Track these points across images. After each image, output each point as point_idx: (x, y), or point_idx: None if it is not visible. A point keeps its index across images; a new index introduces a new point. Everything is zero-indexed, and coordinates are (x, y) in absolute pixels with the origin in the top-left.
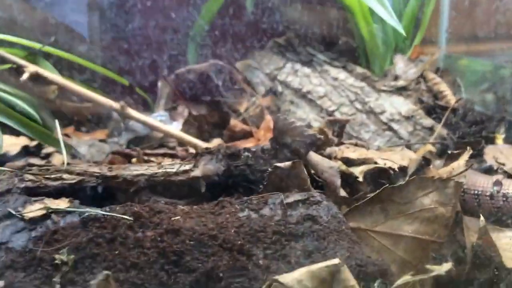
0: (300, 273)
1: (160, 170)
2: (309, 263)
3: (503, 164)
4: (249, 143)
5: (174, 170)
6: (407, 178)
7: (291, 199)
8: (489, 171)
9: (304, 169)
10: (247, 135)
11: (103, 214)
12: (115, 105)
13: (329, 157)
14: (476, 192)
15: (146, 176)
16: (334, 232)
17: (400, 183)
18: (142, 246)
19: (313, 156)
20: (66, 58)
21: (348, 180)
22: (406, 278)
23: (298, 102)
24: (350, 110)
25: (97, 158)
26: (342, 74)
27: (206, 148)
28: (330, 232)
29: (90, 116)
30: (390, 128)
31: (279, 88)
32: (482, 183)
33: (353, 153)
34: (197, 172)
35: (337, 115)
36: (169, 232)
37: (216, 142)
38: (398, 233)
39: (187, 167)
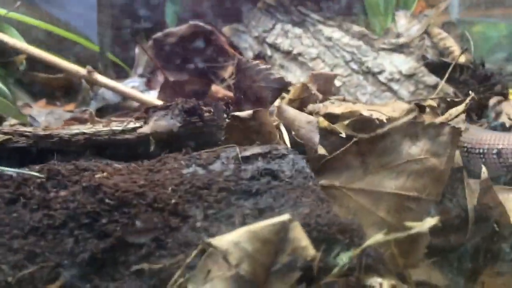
0: (238, 233)
1: (104, 129)
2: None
3: None
4: None
5: (120, 128)
6: None
7: (248, 152)
8: (500, 128)
9: (270, 119)
10: (231, 101)
11: (13, 173)
12: (82, 71)
13: (310, 114)
14: (481, 150)
15: (86, 135)
16: (298, 189)
17: (383, 130)
18: (48, 207)
19: (289, 110)
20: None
21: (330, 138)
22: (378, 237)
23: (289, 65)
24: (345, 71)
25: (54, 125)
26: (337, 33)
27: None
28: (292, 189)
29: (62, 88)
30: (390, 89)
31: (268, 52)
32: (488, 140)
33: (337, 108)
34: (145, 129)
35: None
36: (85, 191)
37: None
38: (378, 190)
39: (137, 124)
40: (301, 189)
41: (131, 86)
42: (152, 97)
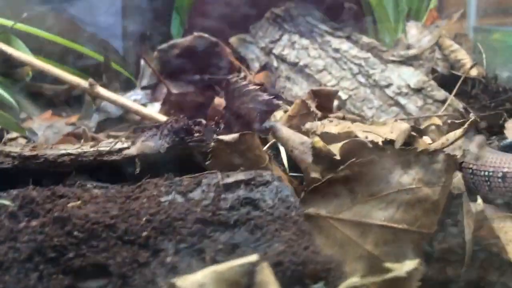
0: (204, 274)
1: (91, 149)
2: (231, 260)
3: None
4: None
5: (107, 149)
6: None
7: (231, 179)
8: (509, 148)
9: (258, 143)
10: None
11: None
12: (84, 83)
13: (307, 132)
14: (486, 173)
15: (72, 156)
16: (278, 220)
17: (372, 157)
18: (15, 239)
19: (283, 130)
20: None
21: (324, 160)
22: (353, 280)
23: (295, 77)
24: (352, 84)
25: (52, 140)
26: (345, 45)
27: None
28: (272, 221)
29: (69, 99)
30: (397, 103)
31: (274, 63)
32: (494, 161)
33: (334, 127)
34: (132, 150)
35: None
36: (55, 222)
37: None
38: (366, 221)
39: (124, 144)
40: (282, 221)
41: (133, 99)
42: (155, 110)
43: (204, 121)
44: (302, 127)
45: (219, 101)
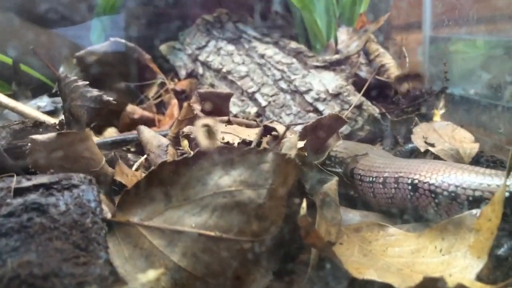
0: None
1: None
2: None
3: (432, 145)
4: None
5: None
6: None
7: (29, 182)
8: (413, 153)
9: (91, 144)
10: (149, 122)
11: None
12: None
13: (186, 136)
14: (370, 179)
15: None
16: (62, 227)
17: (188, 155)
18: None
19: (146, 133)
20: None
21: None
22: None
23: (219, 84)
24: (272, 90)
25: None
26: (270, 51)
27: None
28: (54, 228)
29: None
30: (315, 109)
31: (200, 70)
32: (378, 167)
33: None
34: None
35: (258, 97)
36: None
37: (109, 132)
38: (176, 229)
39: None
40: (67, 228)
41: (37, 106)
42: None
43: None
44: (184, 131)
45: (133, 109)
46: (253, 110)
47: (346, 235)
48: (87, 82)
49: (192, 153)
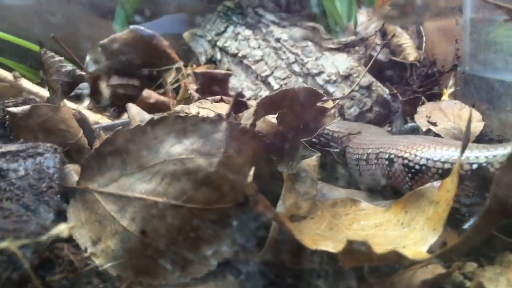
0: None
1: None
2: None
3: (434, 124)
4: None
5: None
6: None
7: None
8: (413, 131)
9: (67, 117)
10: (164, 106)
11: None
12: (9, 76)
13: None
14: (357, 156)
15: None
16: (16, 190)
17: (140, 125)
18: None
19: (133, 109)
20: None
21: None
22: None
23: (235, 68)
24: (284, 73)
25: None
26: (285, 35)
27: None
28: (8, 191)
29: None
30: (326, 91)
31: (218, 55)
32: (364, 144)
33: (196, 109)
34: None
35: (271, 80)
36: None
37: (125, 116)
38: (127, 195)
39: None
40: (21, 191)
41: None
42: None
43: None
44: (176, 110)
45: (148, 93)
46: (265, 94)
47: (321, 210)
48: (62, 58)
49: None
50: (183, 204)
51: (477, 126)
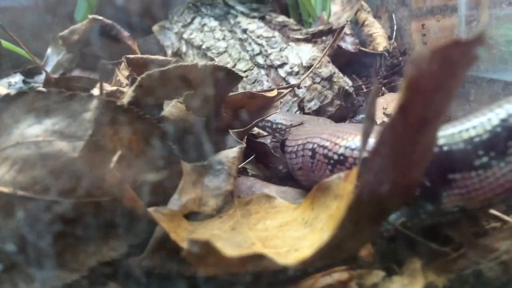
0: None
1: None
2: None
3: (389, 116)
4: None
5: None
6: None
7: None
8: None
9: None
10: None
11: None
12: None
13: None
14: (290, 149)
15: None
16: None
17: None
18: None
19: None
20: None
21: None
22: None
23: (199, 61)
24: (247, 65)
25: None
26: (253, 25)
27: None
28: None
29: None
30: (287, 83)
31: (184, 48)
32: (297, 137)
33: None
34: None
35: None
36: None
37: None
38: None
39: None
40: None
41: (8, 82)
42: None
43: None
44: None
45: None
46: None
47: (237, 208)
48: None
49: None
50: (34, 195)
51: None
